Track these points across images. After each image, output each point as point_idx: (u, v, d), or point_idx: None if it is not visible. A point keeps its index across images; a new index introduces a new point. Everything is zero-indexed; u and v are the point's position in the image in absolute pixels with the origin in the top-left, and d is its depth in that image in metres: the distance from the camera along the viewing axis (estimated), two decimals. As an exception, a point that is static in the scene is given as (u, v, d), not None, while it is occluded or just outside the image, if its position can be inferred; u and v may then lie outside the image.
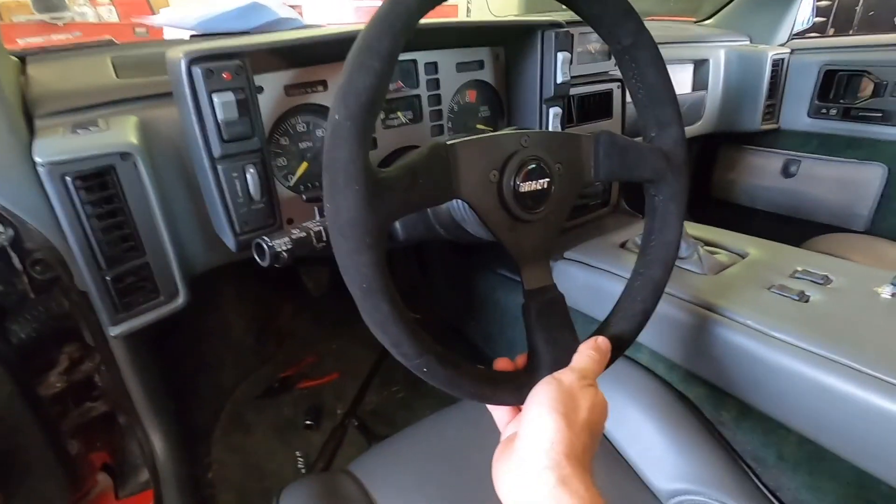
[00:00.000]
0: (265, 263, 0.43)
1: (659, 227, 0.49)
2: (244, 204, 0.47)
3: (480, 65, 0.67)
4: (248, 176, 0.46)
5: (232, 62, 0.43)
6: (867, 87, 1.17)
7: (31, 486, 0.63)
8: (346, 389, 1.06)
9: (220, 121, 0.43)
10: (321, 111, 0.56)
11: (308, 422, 0.97)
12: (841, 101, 1.22)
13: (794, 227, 1.36)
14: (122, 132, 0.48)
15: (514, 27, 0.65)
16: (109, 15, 2.32)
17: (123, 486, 0.77)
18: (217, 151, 0.45)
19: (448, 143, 0.38)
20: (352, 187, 0.30)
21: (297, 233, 0.43)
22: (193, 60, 0.42)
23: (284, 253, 0.42)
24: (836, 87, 1.22)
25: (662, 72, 0.46)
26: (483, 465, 0.62)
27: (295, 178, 0.57)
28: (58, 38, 1.94)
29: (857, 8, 2.03)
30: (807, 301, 0.59)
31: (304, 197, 0.52)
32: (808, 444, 0.55)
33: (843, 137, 1.23)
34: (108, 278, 0.50)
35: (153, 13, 1.96)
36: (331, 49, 0.51)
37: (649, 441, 0.66)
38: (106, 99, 0.53)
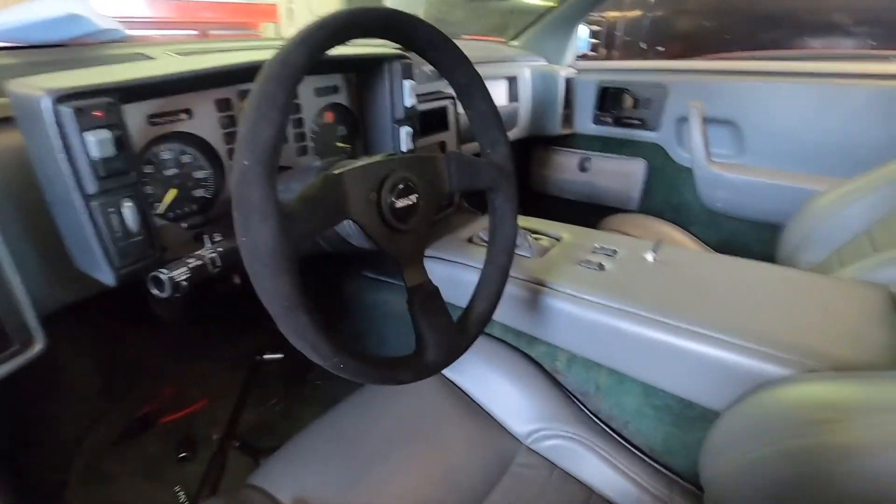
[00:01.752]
0: (165, 294, 0.44)
1: (500, 223, 0.63)
2: (122, 238, 0.47)
3: (335, 89, 0.73)
4: (126, 210, 0.46)
5: (102, 100, 0.43)
6: (629, 101, 1.54)
7: None
8: (219, 413, 1.02)
9: (94, 159, 0.42)
10: (187, 139, 0.56)
11: (182, 454, 0.92)
12: (613, 111, 1.58)
13: (592, 210, 1.71)
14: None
15: (363, 58, 0.73)
16: None
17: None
18: (92, 189, 0.43)
19: (335, 172, 0.45)
20: (268, 222, 0.35)
21: (193, 261, 0.45)
22: (60, 99, 0.40)
23: (184, 282, 0.44)
24: (609, 100, 1.58)
25: (490, 103, 0.59)
26: (382, 448, 0.70)
27: (164, 206, 0.56)
28: None
29: (618, 34, 2.60)
30: (603, 269, 0.79)
31: (184, 225, 0.53)
32: (614, 373, 0.75)
33: (617, 139, 1.60)
34: (-54, 335, 0.44)
35: None
36: (196, 81, 0.52)
37: (506, 396, 0.82)
38: None
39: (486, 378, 0.83)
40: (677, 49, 2.47)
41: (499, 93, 1.50)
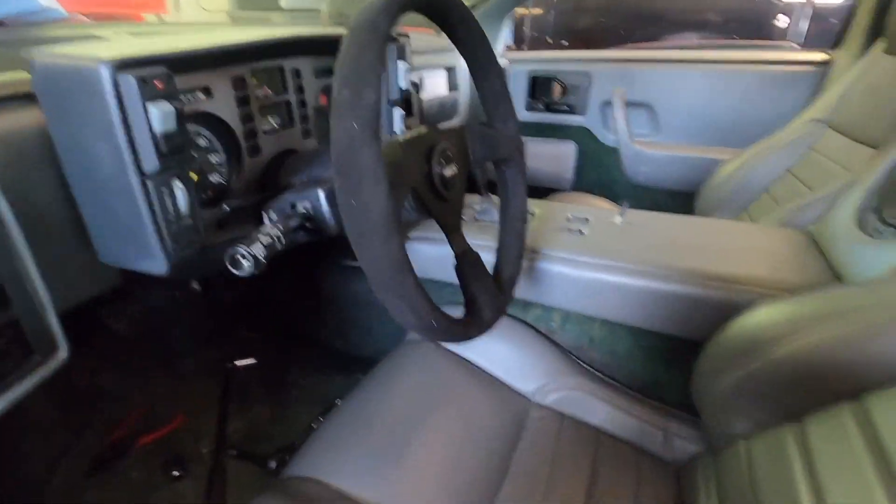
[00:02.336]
0: (245, 273, 0.42)
1: (513, 193, 0.68)
2: (174, 221, 0.43)
3: (332, 71, 0.72)
4: (178, 191, 0.43)
5: (161, 69, 0.39)
6: (558, 89, 1.67)
7: None
8: (201, 427, 0.94)
9: (157, 133, 0.39)
10: (204, 120, 0.53)
11: (175, 473, 0.84)
12: (543, 98, 1.70)
13: (530, 192, 1.82)
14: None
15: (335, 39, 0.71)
16: None
17: None
18: (151, 167, 0.40)
19: (401, 140, 0.46)
20: (380, 185, 0.36)
21: (265, 239, 0.43)
22: (121, 67, 0.37)
23: (263, 259, 0.42)
24: (540, 88, 1.69)
25: (503, 79, 0.64)
26: (410, 423, 0.71)
27: (187, 192, 0.52)
28: None
29: (525, 29, 2.78)
30: (583, 234, 0.88)
31: (225, 208, 0.50)
32: (606, 324, 0.84)
33: (549, 125, 1.72)
34: (-30, 347, 0.38)
35: None
36: (240, 54, 0.50)
37: (509, 360, 0.87)
38: None
39: (488, 347, 0.88)
40: (580, 44, 2.71)
41: (439, 82, 1.54)
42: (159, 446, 0.91)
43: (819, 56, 1.36)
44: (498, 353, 0.88)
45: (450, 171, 0.53)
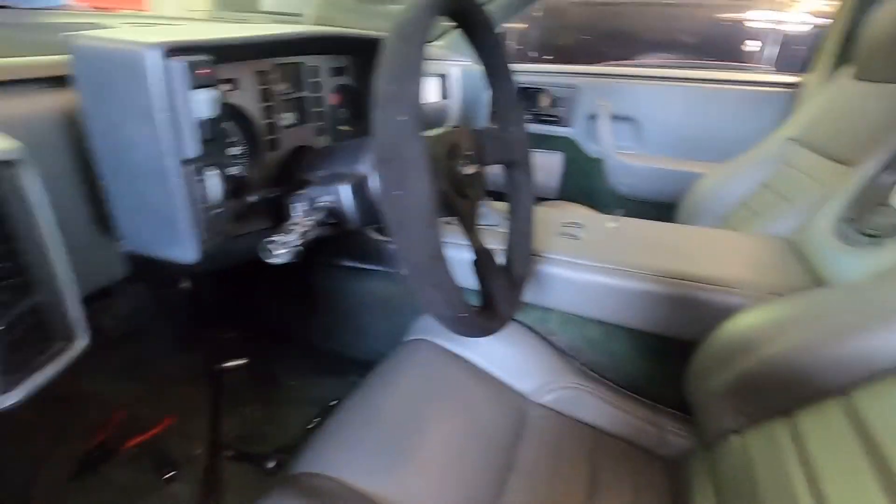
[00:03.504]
0: (281, 262, 0.42)
1: (521, 195, 0.70)
2: (207, 209, 0.43)
3: (344, 70, 0.73)
4: (212, 179, 0.43)
5: (206, 57, 0.39)
6: (546, 100, 1.72)
7: None
8: (192, 427, 0.92)
9: (201, 120, 0.39)
10: (229, 112, 0.53)
11: (168, 474, 0.81)
12: (532, 109, 1.75)
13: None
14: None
15: (367, 39, 0.73)
16: None
17: None
18: (192, 153, 0.40)
19: (424, 136, 0.48)
20: (425, 175, 0.38)
21: (298, 229, 0.43)
22: (170, 52, 0.37)
23: (297, 248, 0.43)
24: (529, 99, 1.74)
25: (514, 84, 0.66)
26: (414, 421, 0.72)
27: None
28: None
29: (511, 43, 2.84)
30: (577, 238, 0.91)
31: (250, 199, 0.50)
32: (602, 326, 0.87)
33: (536, 135, 1.77)
34: (-6, 331, 0.37)
35: None
36: (257, 49, 0.50)
37: (508, 361, 0.89)
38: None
39: (488, 348, 0.89)
40: (561, 60, 2.80)
41: (431, 90, 1.56)
42: (147, 449, 0.88)
43: (790, 79, 1.45)
44: (498, 353, 0.89)
45: (470, 169, 0.55)
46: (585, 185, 1.76)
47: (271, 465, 0.82)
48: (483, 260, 0.57)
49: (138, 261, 0.51)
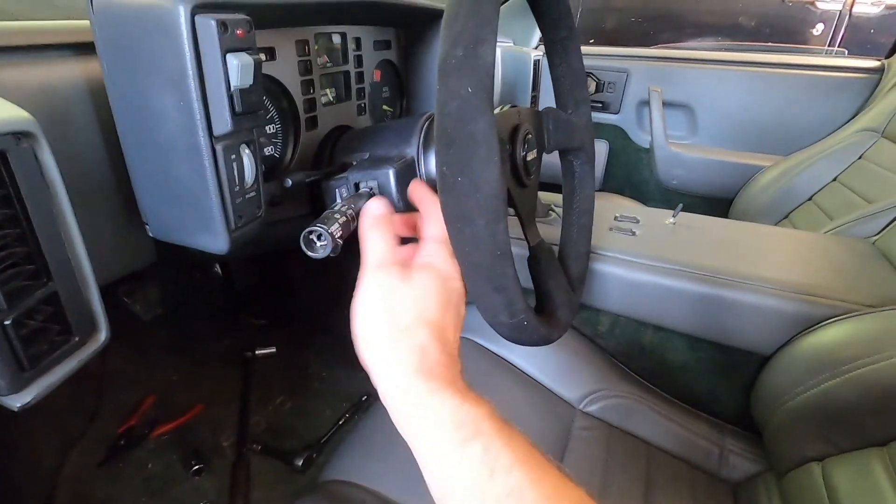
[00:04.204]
0: (323, 254, 0.37)
1: (580, 185, 0.62)
2: (239, 192, 0.38)
3: (388, 45, 0.67)
4: (245, 157, 0.37)
5: (242, 17, 0.34)
6: (592, 85, 1.61)
7: None
8: (222, 418, 0.89)
9: (234, 88, 0.34)
10: (265, 85, 0.47)
11: (196, 466, 0.79)
12: (576, 94, 1.65)
13: (556, 189, 1.77)
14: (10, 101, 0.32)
15: (424, 10, 0.66)
16: None
17: None
18: (223, 128, 0.34)
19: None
20: (493, 160, 0.31)
21: (341, 218, 0.38)
22: (200, 7, 0.31)
23: (340, 239, 0.37)
24: (573, 83, 1.64)
25: (581, 60, 0.58)
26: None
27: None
28: None
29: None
30: (634, 234, 0.83)
31: (288, 182, 0.44)
32: (658, 331, 0.79)
33: (580, 121, 1.67)
34: (6, 322, 0.33)
35: None
36: (300, 12, 0.44)
37: (553, 365, 0.82)
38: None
39: (532, 350, 0.83)
40: (607, 43, 2.66)
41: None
42: (177, 437, 0.86)
43: (872, 63, 1.31)
44: (542, 356, 0.83)
45: (531, 155, 0.48)
46: (630, 176, 1.66)
47: (299, 462, 0.79)
48: (542, 258, 0.50)
49: (167, 247, 0.47)
